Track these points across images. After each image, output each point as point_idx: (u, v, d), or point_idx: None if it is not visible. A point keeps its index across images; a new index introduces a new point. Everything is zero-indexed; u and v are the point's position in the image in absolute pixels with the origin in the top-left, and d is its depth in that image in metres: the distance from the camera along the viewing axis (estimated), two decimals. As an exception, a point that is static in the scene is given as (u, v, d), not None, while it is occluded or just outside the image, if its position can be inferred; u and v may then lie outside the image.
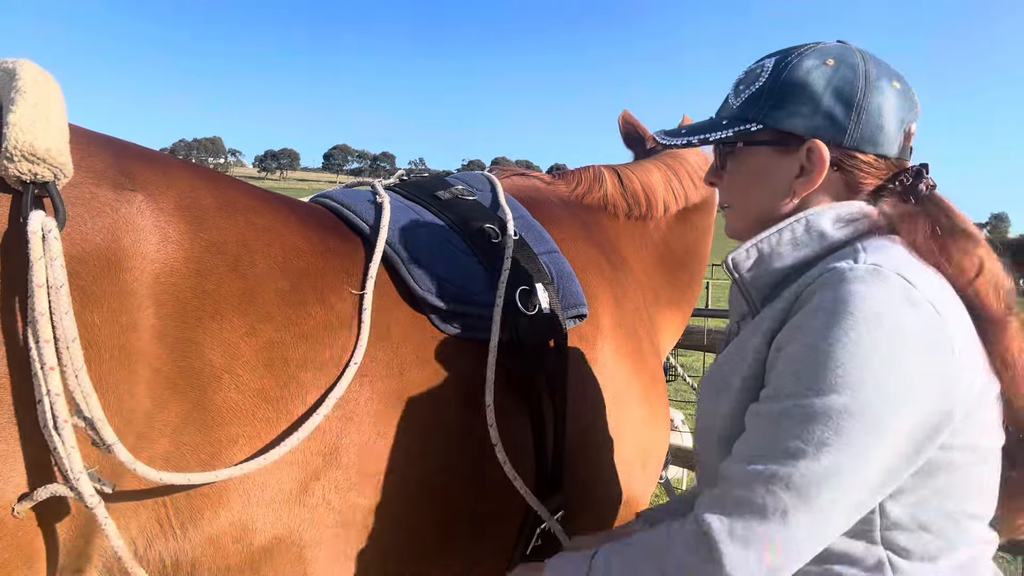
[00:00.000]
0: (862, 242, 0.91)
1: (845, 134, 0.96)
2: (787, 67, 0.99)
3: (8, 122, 0.84)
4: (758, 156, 1.02)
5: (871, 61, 0.98)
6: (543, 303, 1.40)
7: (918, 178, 0.98)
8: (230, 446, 1.01)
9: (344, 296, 1.18)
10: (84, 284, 0.89)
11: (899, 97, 0.97)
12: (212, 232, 1.06)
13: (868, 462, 0.78)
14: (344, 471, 1.11)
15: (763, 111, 0.99)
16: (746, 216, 1.06)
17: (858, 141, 0.96)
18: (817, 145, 0.96)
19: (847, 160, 0.97)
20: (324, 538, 1.09)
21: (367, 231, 1.32)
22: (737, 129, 1.00)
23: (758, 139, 1.01)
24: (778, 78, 0.99)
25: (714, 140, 1.02)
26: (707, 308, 3.26)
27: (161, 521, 0.98)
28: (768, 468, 0.79)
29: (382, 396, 1.17)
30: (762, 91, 1.00)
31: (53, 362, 0.83)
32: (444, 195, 1.54)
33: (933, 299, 0.83)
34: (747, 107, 1.01)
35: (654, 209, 2.01)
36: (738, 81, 1.06)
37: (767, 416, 0.83)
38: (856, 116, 0.95)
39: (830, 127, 0.96)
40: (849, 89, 0.95)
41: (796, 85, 0.97)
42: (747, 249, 0.99)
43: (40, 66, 0.94)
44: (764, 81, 1.00)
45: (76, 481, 0.85)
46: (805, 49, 1.00)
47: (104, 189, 0.95)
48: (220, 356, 1.01)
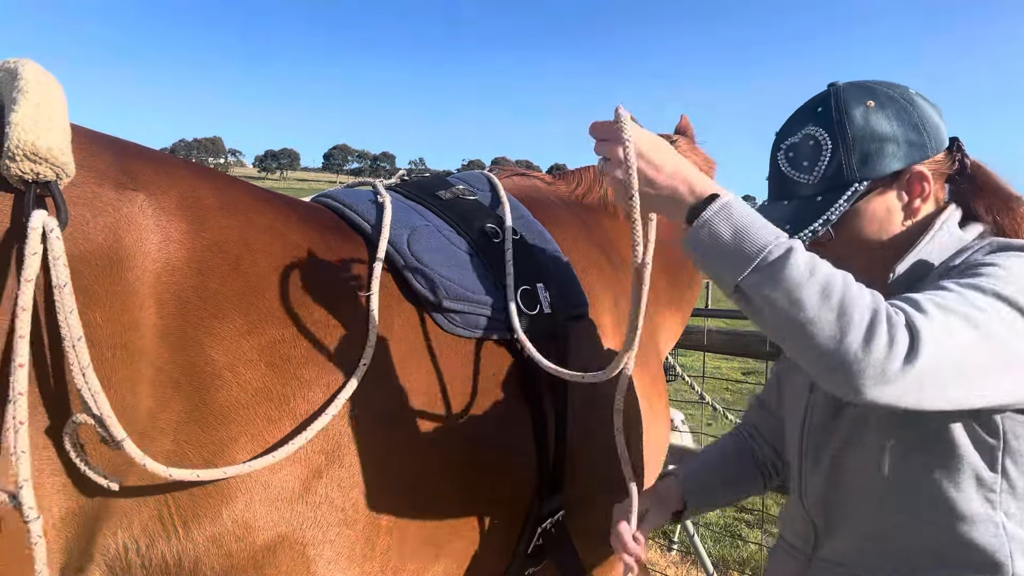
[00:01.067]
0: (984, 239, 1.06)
1: (927, 148, 1.10)
2: (849, 125, 1.09)
3: (10, 122, 0.85)
4: (869, 205, 1.11)
5: (891, 85, 1.13)
6: (544, 303, 1.41)
7: (962, 154, 1.14)
8: (232, 444, 1.01)
9: (345, 295, 1.19)
10: (86, 283, 0.89)
11: (925, 101, 1.13)
12: (214, 231, 1.06)
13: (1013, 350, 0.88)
14: (347, 469, 1.11)
15: (855, 169, 1.09)
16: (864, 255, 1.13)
17: (934, 149, 1.10)
18: (915, 170, 1.09)
19: (933, 167, 1.11)
20: (327, 537, 1.09)
21: (369, 231, 1.32)
22: (847, 195, 1.08)
23: (866, 192, 1.10)
24: (846, 138, 1.09)
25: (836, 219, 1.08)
26: (707, 308, 3.25)
27: (163, 519, 0.98)
28: (963, 308, 0.88)
29: (384, 394, 1.17)
30: (838, 155, 1.10)
31: (24, 360, 0.81)
32: (445, 195, 1.54)
33: None
34: (834, 176, 1.10)
35: None
36: (790, 157, 1.15)
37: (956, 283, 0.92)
38: (924, 131, 1.10)
39: (916, 150, 1.09)
40: (905, 115, 1.10)
41: (868, 134, 1.09)
42: (907, 261, 1.09)
43: (42, 66, 0.94)
44: (833, 146, 1.10)
45: (19, 489, 0.81)
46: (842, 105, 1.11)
47: (106, 188, 0.95)
48: (222, 354, 1.01)
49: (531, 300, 1.39)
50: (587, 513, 1.46)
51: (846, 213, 1.10)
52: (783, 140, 1.17)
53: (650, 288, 2.00)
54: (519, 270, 1.41)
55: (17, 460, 0.80)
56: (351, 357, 1.14)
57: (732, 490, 1.44)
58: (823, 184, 1.11)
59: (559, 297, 1.44)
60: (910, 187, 1.10)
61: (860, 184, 1.08)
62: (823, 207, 1.08)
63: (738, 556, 3.71)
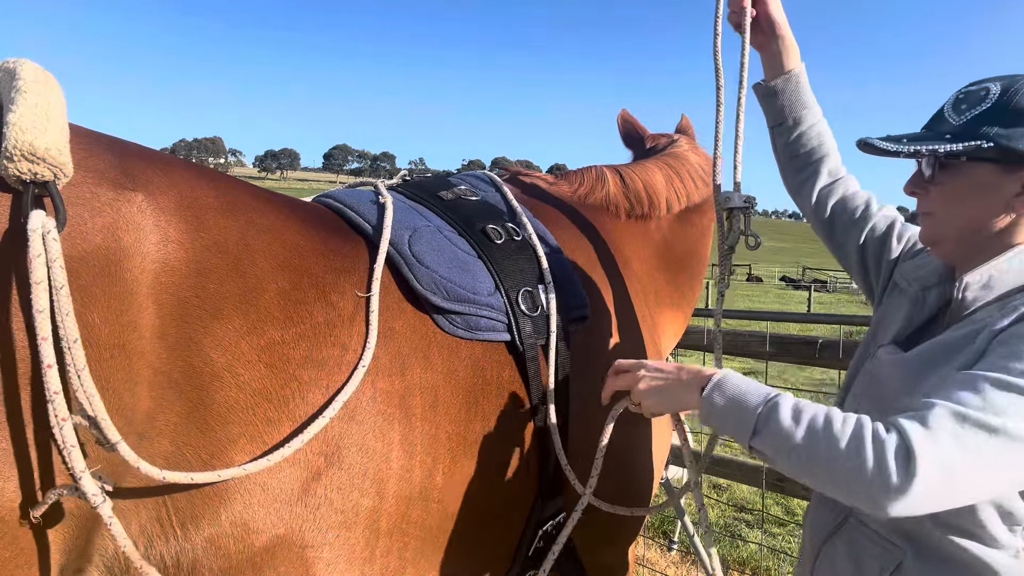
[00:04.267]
0: None
1: None
2: (1017, 92, 1.05)
3: (8, 122, 0.84)
4: (980, 171, 1.07)
5: None
6: (545, 305, 1.40)
7: None
8: (231, 446, 1.01)
9: (346, 296, 1.18)
10: (84, 283, 0.89)
11: None
12: (213, 232, 1.06)
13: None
14: (346, 471, 1.11)
15: (991, 131, 1.04)
16: (953, 225, 1.12)
17: None
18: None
19: None
20: (326, 539, 1.08)
21: (369, 231, 1.32)
22: (967, 144, 1.04)
23: (986, 155, 1.05)
24: (1008, 102, 1.05)
25: (944, 152, 1.06)
26: (707, 308, 3.25)
27: (162, 521, 0.98)
28: (979, 415, 0.87)
29: (384, 396, 1.17)
30: (990, 112, 1.05)
31: (52, 360, 0.82)
32: (447, 195, 1.53)
33: None
34: (973, 125, 1.06)
35: (656, 209, 2.00)
36: (957, 100, 1.11)
37: (985, 379, 0.91)
38: None
39: None
40: None
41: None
42: (981, 272, 1.08)
43: (41, 66, 0.94)
44: (992, 103, 1.06)
45: (79, 480, 0.85)
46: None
47: (105, 188, 0.95)
48: (221, 355, 1.01)
49: (532, 301, 1.39)
50: (588, 515, 1.45)
51: (956, 168, 1.09)
52: (963, 88, 1.14)
53: (651, 288, 2.00)
54: (520, 271, 1.41)
55: (69, 454, 0.84)
56: (350, 359, 1.13)
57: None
58: (961, 128, 1.08)
59: (560, 298, 1.44)
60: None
61: (987, 143, 1.04)
62: (939, 140, 1.07)
63: (738, 556, 3.70)
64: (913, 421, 0.89)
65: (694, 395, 1.07)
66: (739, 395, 1.01)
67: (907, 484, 0.85)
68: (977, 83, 1.11)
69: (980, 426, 0.87)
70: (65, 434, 0.83)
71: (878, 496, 0.86)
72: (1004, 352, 0.94)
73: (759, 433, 0.97)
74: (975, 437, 0.86)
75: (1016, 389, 0.88)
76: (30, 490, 0.86)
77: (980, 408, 0.88)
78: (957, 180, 1.10)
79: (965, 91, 1.11)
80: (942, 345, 1.06)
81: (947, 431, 0.87)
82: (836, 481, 0.90)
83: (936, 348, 1.07)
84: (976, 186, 1.08)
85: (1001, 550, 0.99)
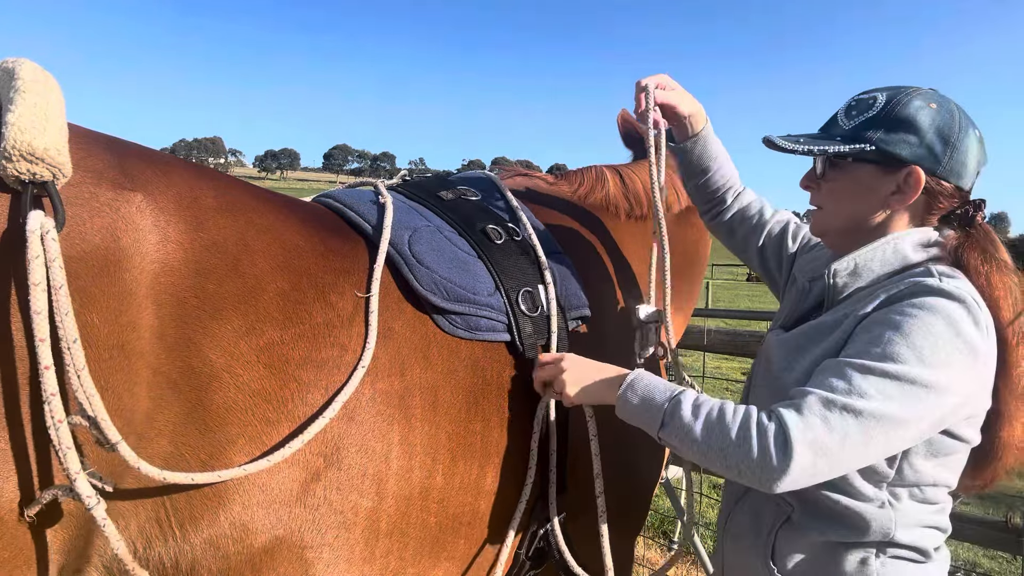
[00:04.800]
0: (934, 265, 1.14)
1: (939, 165, 1.16)
2: (899, 103, 1.18)
3: (7, 122, 0.84)
4: (863, 171, 1.21)
5: (962, 111, 1.19)
6: (545, 305, 1.40)
7: (977, 210, 1.19)
8: (230, 446, 1.01)
9: (345, 296, 1.18)
10: (83, 284, 0.89)
11: (979, 144, 1.19)
12: (212, 232, 1.05)
13: (913, 422, 1.01)
14: (345, 472, 1.10)
15: (874, 136, 1.18)
16: (838, 218, 1.26)
17: (947, 173, 1.17)
18: (916, 170, 1.16)
19: (934, 186, 1.17)
20: (325, 540, 1.08)
21: (369, 232, 1.32)
22: (853, 147, 1.19)
23: (868, 157, 1.19)
24: (891, 111, 1.18)
25: (831, 153, 1.21)
26: (707, 308, 3.25)
27: (160, 522, 0.97)
28: (845, 399, 1.00)
29: (384, 396, 1.16)
30: (875, 119, 1.19)
31: (49, 362, 0.82)
32: (447, 195, 1.53)
33: (989, 323, 1.07)
34: (861, 130, 1.20)
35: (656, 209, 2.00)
36: (849, 106, 1.24)
37: (849, 365, 1.03)
38: (950, 152, 1.16)
39: (929, 158, 1.16)
40: (948, 130, 1.16)
41: (906, 120, 1.16)
42: (847, 260, 1.21)
43: (40, 65, 0.94)
44: (877, 111, 1.19)
45: (73, 482, 0.84)
46: (912, 91, 1.20)
47: (104, 189, 0.95)
48: (220, 356, 1.00)
49: (532, 302, 1.39)
50: (588, 515, 1.45)
51: (843, 167, 1.23)
52: (856, 95, 1.27)
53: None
54: (520, 271, 1.41)
55: (64, 456, 0.84)
56: (350, 359, 1.13)
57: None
58: (850, 132, 1.21)
59: (560, 298, 1.44)
60: (902, 182, 1.17)
61: (869, 147, 1.17)
62: (830, 142, 1.21)
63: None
64: (789, 409, 1.01)
65: (612, 392, 1.20)
66: (648, 393, 1.14)
67: (786, 465, 0.98)
68: (868, 92, 1.25)
69: (846, 409, 0.99)
70: (61, 436, 0.83)
71: (764, 477, 1.00)
72: (866, 338, 1.06)
73: (666, 426, 1.10)
74: (842, 420, 0.99)
75: (877, 372, 1.01)
76: (29, 491, 0.86)
77: (846, 392, 1.00)
78: (843, 178, 1.23)
79: (857, 99, 1.25)
80: (815, 327, 1.20)
81: (817, 416, 0.99)
82: (729, 466, 1.03)
83: (811, 329, 1.21)
84: (859, 184, 1.21)
85: (869, 502, 1.12)
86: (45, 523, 0.88)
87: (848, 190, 1.23)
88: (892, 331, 1.03)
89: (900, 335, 1.02)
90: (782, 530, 1.21)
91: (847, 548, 1.15)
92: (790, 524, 1.20)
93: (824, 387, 1.02)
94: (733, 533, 1.32)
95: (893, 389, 1.00)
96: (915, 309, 1.04)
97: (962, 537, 3.07)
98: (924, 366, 1.00)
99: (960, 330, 1.02)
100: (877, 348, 1.03)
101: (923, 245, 1.18)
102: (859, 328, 1.10)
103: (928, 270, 1.12)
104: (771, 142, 1.27)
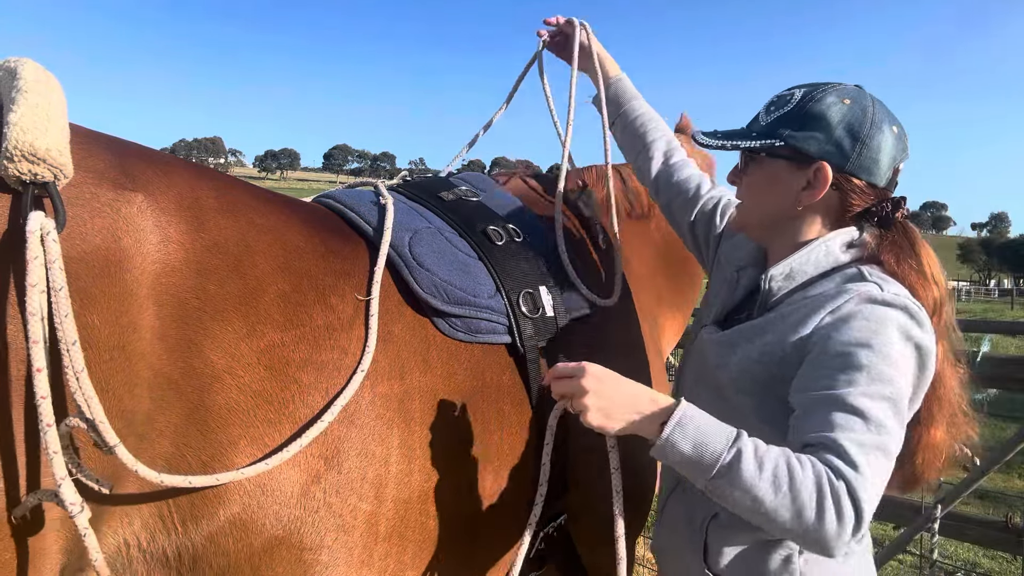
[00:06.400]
0: (861, 266, 1.16)
1: (847, 161, 1.17)
2: (812, 99, 1.19)
3: (9, 122, 0.84)
4: (776, 167, 1.23)
5: (879, 106, 1.19)
6: (546, 306, 1.40)
7: (895, 208, 1.19)
8: (231, 448, 1.00)
9: (346, 299, 1.18)
10: (84, 285, 0.89)
11: (895, 140, 1.18)
12: (213, 232, 1.05)
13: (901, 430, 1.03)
14: (345, 475, 1.10)
15: (787, 131, 1.20)
16: (755, 212, 1.29)
17: (856, 169, 1.17)
18: (823, 166, 1.17)
19: (844, 182, 1.18)
20: (324, 542, 1.08)
21: (370, 233, 1.31)
22: (764, 142, 1.21)
23: (779, 153, 1.21)
24: (804, 107, 1.20)
25: (744, 147, 1.25)
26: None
27: (163, 518, 0.98)
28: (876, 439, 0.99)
29: (384, 400, 1.16)
30: (789, 115, 1.21)
31: (41, 364, 0.82)
32: (447, 196, 1.53)
33: (928, 323, 1.09)
34: (775, 125, 1.22)
35: (656, 208, 2.00)
36: (770, 103, 1.26)
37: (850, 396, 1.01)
38: (859, 148, 1.16)
39: (837, 154, 1.17)
40: (858, 126, 1.16)
41: (816, 115, 1.18)
42: (783, 266, 1.21)
43: (41, 65, 0.94)
44: (791, 107, 1.21)
45: (59, 487, 0.83)
46: (829, 87, 1.21)
47: (104, 189, 0.95)
48: (221, 357, 1.00)
49: (533, 303, 1.39)
50: (589, 517, 1.45)
51: (759, 162, 1.25)
52: (779, 92, 1.29)
53: (652, 288, 1.99)
54: (521, 273, 1.41)
55: (51, 460, 0.82)
56: (350, 362, 1.13)
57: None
58: (766, 128, 1.23)
59: (561, 300, 1.44)
60: (812, 178, 1.18)
61: (780, 143, 1.20)
62: (745, 138, 1.25)
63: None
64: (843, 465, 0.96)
65: (652, 428, 1.06)
66: (702, 438, 1.01)
67: (859, 530, 0.95)
68: (789, 89, 1.26)
69: (879, 449, 0.98)
70: (49, 440, 0.82)
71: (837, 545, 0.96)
72: (840, 362, 1.04)
73: (721, 477, 0.99)
74: (879, 462, 0.98)
75: (877, 397, 1.00)
76: (19, 494, 0.85)
77: (875, 430, 0.99)
78: (759, 173, 1.26)
79: (778, 95, 1.27)
80: (753, 328, 1.21)
81: (867, 467, 0.97)
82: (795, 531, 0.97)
83: (748, 329, 1.22)
84: (772, 179, 1.24)
85: None
86: (48, 524, 0.88)
87: (763, 185, 1.25)
88: (863, 350, 1.03)
89: (874, 354, 1.02)
90: (712, 526, 1.22)
91: (772, 546, 1.16)
92: (718, 521, 1.21)
93: (847, 430, 0.99)
94: (667, 522, 1.35)
95: (892, 410, 1.01)
96: (872, 324, 1.05)
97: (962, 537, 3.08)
98: (902, 377, 1.03)
99: (910, 335, 1.05)
100: (860, 373, 1.02)
101: (849, 245, 1.20)
102: (818, 349, 1.08)
103: (860, 272, 1.14)
104: (693, 138, 1.33)
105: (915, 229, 1.21)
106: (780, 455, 0.99)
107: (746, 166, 1.29)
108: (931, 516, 2.74)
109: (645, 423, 1.07)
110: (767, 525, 0.99)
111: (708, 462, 1.00)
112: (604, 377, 1.11)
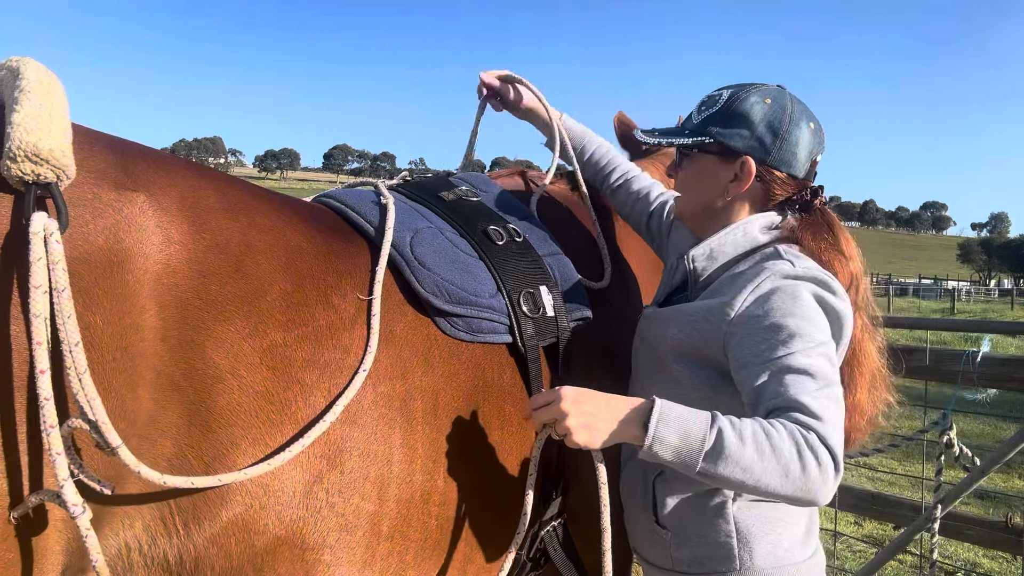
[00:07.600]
0: (778, 245, 1.30)
1: (769, 155, 1.32)
2: (737, 99, 1.34)
3: (12, 122, 0.84)
4: (706, 161, 1.37)
5: (797, 104, 1.34)
6: (547, 306, 1.40)
7: (814, 195, 1.35)
8: (233, 448, 1.00)
9: (348, 298, 1.18)
10: (86, 285, 0.88)
11: (812, 135, 1.34)
12: (215, 232, 1.05)
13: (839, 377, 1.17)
14: (347, 475, 1.10)
15: (715, 129, 1.34)
16: (690, 203, 1.43)
17: (776, 162, 1.32)
18: (748, 160, 1.32)
19: (767, 174, 1.33)
20: (326, 542, 1.08)
21: (371, 233, 1.31)
22: (695, 139, 1.36)
23: (708, 149, 1.36)
24: (730, 106, 1.34)
25: (677, 144, 1.40)
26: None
27: (165, 519, 0.97)
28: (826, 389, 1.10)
29: (385, 399, 1.16)
30: (717, 114, 1.35)
31: (45, 366, 0.82)
32: (448, 196, 1.53)
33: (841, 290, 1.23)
34: (705, 123, 1.36)
35: None
36: (701, 103, 1.40)
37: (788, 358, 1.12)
38: (779, 143, 1.31)
39: (759, 148, 1.32)
40: (777, 123, 1.31)
41: (741, 114, 1.32)
42: (703, 247, 1.36)
43: (44, 65, 0.94)
44: (719, 107, 1.35)
45: (61, 488, 0.83)
46: (753, 88, 1.35)
47: (106, 189, 0.94)
48: (223, 357, 1.00)
49: (534, 303, 1.39)
50: (589, 517, 1.45)
51: (692, 158, 1.40)
52: (709, 92, 1.41)
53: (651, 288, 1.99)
54: (522, 272, 1.41)
55: (54, 462, 0.82)
56: (352, 362, 1.13)
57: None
58: (697, 126, 1.37)
59: (562, 300, 1.44)
60: (739, 170, 1.32)
61: (708, 139, 1.34)
62: (679, 135, 1.39)
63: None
64: (809, 418, 1.06)
65: (637, 431, 1.09)
66: (684, 426, 1.07)
67: (838, 471, 1.04)
68: (718, 89, 1.39)
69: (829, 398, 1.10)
70: (52, 441, 0.82)
71: (824, 491, 1.04)
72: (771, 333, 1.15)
73: (709, 459, 1.05)
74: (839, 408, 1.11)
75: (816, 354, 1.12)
76: (23, 493, 0.85)
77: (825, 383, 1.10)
78: (692, 167, 1.40)
79: (708, 96, 1.39)
80: (687, 305, 1.33)
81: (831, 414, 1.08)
82: (785, 490, 1.04)
83: (683, 307, 1.34)
84: (703, 172, 1.38)
85: None
86: (50, 524, 0.88)
87: (695, 178, 1.40)
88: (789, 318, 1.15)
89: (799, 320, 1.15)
90: (657, 482, 1.33)
91: (708, 496, 1.27)
92: (663, 477, 1.32)
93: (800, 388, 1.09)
94: (627, 487, 1.44)
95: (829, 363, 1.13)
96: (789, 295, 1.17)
97: (962, 537, 3.08)
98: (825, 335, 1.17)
99: (823, 299, 1.19)
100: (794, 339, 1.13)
101: (768, 228, 1.34)
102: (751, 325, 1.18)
103: (777, 251, 1.27)
104: (634, 136, 1.46)
105: (833, 214, 1.36)
106: (753, 424, 1.06)
107: (681, 161, 1.43)
108: (931, 516, 2.74)
109: (627, 427, 1.11)
110: (760, 490, 1.05)
111: (696, 447, 1.06)
112: (579, 396, 1.14)
